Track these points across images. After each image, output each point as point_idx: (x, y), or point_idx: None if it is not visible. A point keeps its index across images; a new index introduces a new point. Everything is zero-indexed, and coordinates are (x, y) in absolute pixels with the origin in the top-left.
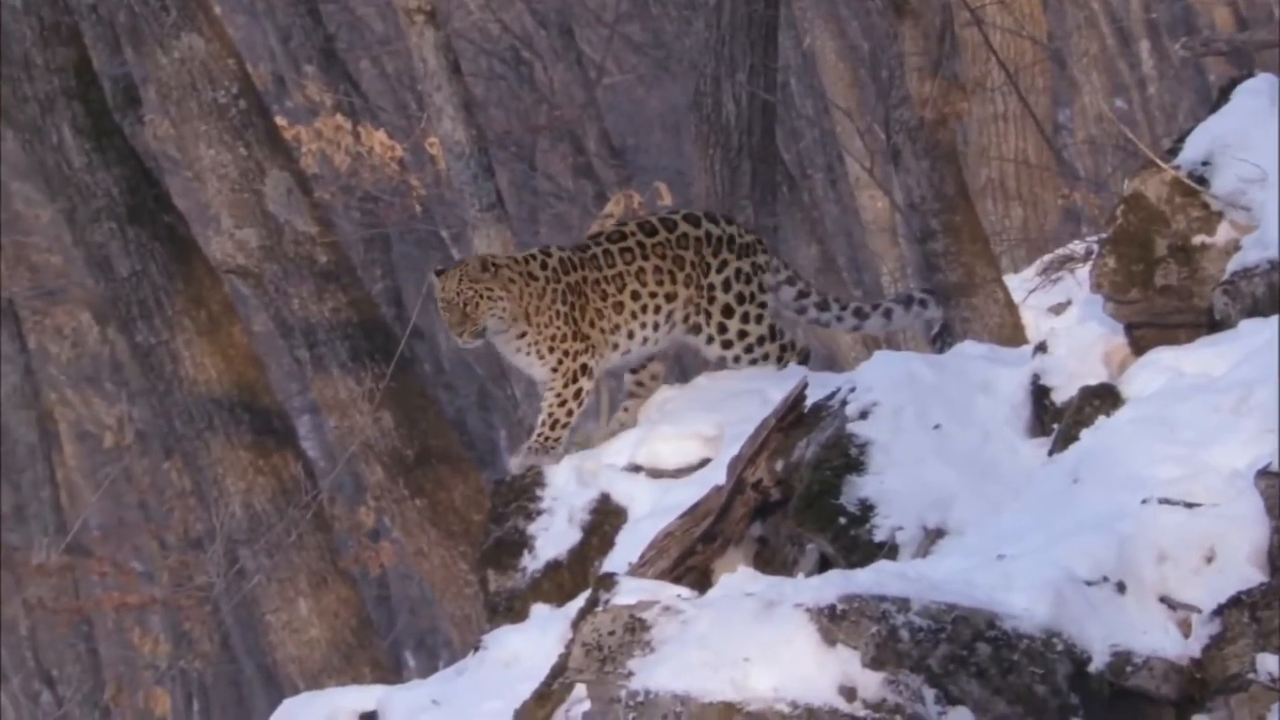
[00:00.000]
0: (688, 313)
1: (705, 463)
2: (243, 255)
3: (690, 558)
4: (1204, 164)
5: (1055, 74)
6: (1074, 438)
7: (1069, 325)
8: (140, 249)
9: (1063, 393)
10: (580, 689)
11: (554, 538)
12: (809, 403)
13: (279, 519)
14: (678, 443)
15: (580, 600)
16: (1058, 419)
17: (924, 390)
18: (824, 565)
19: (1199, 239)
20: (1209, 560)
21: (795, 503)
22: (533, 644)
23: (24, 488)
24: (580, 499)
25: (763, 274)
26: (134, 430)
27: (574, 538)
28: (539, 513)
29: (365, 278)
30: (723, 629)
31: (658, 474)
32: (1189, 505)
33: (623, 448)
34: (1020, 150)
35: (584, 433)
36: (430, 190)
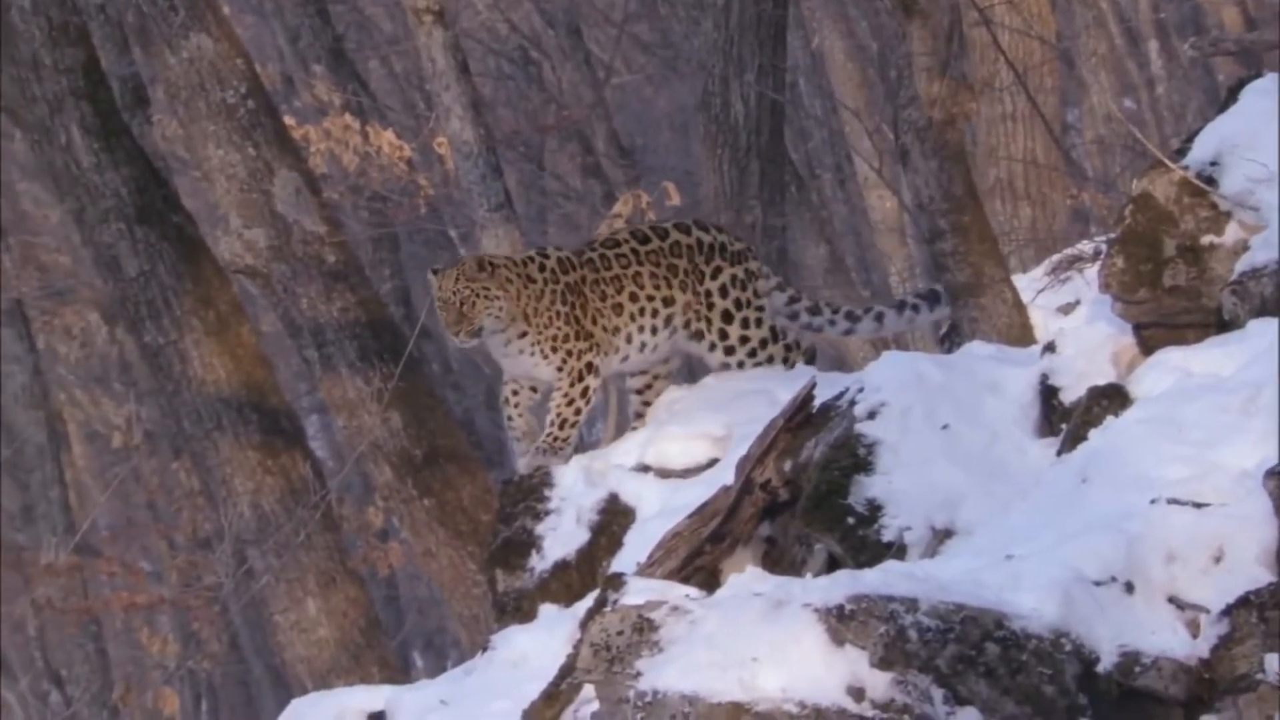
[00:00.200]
0: (689, 318)
1: (713, 463)
2: (251, 255)
3: (698, 558)
4: (1212, 164)
5: (1064, 74)
6: (1082, 438)
7: (1077, 325)
8: (149, 249)
9: (1071, 393)
10: (588, 689)
11: (562, 538)
12: (817, 403)
13: (287, 519)
14: (686, 443)
15: (588, 600)
16: (1066, 419)
17: (932, 390)
18: (832, 565)
19: (1207, 239)
20: (1217, 560)
21: (803, 503)
22: (541, 644)
23: (33, 488)
24: (588, 499)
25: (756, 280)
26: (142, 430)
27: (582, 538)
28: (547, 513)
29: (373, 277)
30: (731, 629)
31: (666, 474)
32: (1197, 505)
33: (631, 448)
34: (1029, 150)
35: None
36: (438, 190)
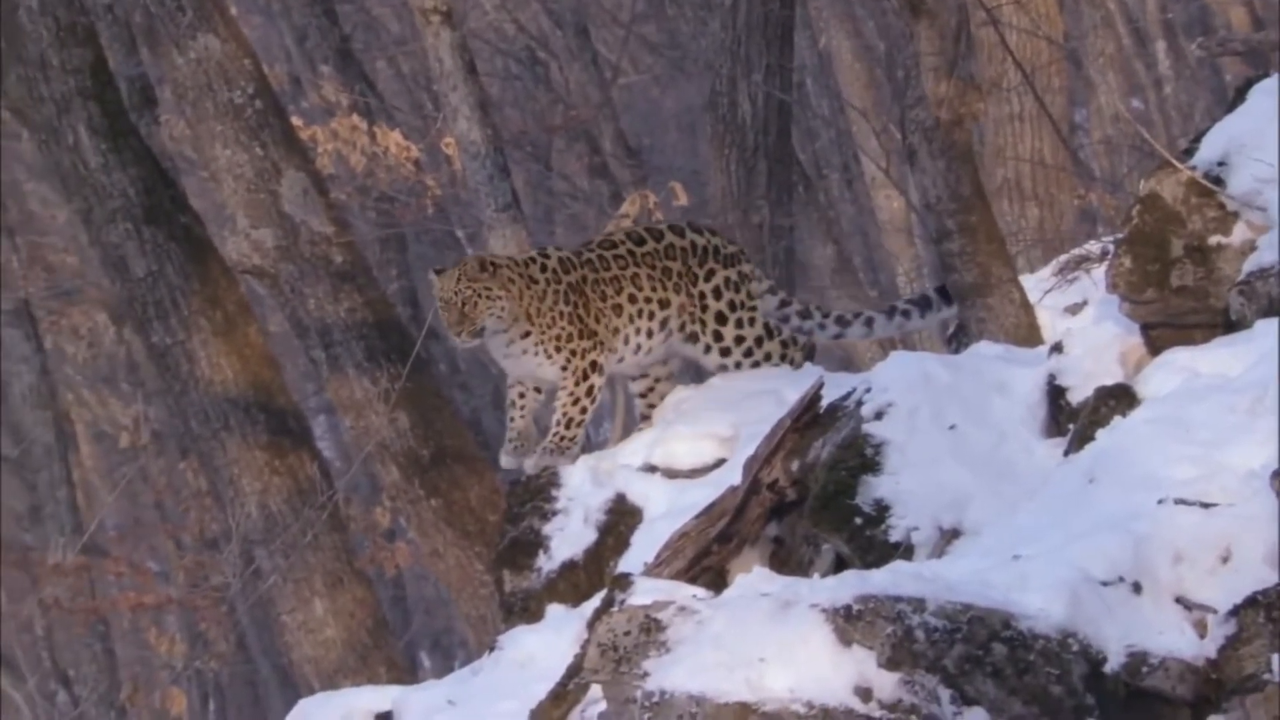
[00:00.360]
0: (683, 321)
1: (721, 463)
2: (258, 255)
3: (706, 558)
4: (1220, 164)
5: (1071, 74)
6: (1090, 438)
7: (1085, 325)
8: (156, 249)
9: (1078, 393)
10: (595, 689)
11: (569, 538)
12: (824, 403)
13: (295, 519)
14: (693, 443)
15: (596, 600)
16: (1073, 419)
17: (939, 391)
18: (839, 565)
19: (1215, 239)
20: (1225, 560)
21: (811, 503)
22: (548, 644)
23: (40, 488)
24: (596, 499)
25: (749, 282)
26: (150, 430)
27: (589, 538)
28: (554, 513)
29: (381, 278)
30: (738, 629)
31: (673, 474)
32: (1205, 505)
33: (638, 448)
34: (1036, 150)
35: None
36: (446, 190)
